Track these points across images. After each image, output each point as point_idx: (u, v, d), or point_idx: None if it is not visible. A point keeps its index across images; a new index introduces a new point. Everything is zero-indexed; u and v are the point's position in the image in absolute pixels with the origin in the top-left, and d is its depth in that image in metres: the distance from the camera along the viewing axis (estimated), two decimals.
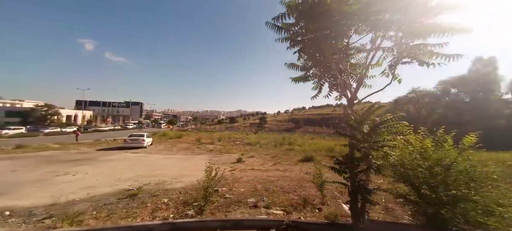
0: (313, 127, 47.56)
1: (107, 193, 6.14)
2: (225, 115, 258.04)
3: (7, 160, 11.58)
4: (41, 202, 5.36)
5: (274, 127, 57.18)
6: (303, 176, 8.20)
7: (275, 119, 72.89)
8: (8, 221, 4.26)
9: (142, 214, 4.60)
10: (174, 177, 8.01)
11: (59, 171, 9.08)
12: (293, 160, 11.68)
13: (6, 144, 19.38)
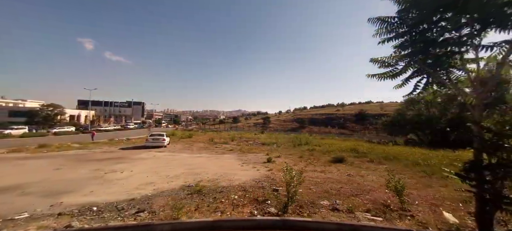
0: (318, 127, 47.93)
1: (172, 189, 6.40)
2: (224, 115, 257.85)
3: (42, 159, 11.79)
4: (118, 197, 5.64)
5: (278, 127, 57.49)
6: (348, 178, 7.94)
7: (278, 118, 73.20)
8: (102, 216, 4.52)
9: (227, 209, 4.88)
10: (220, 175, 8.17)
11: (103, 169, 9.34)
12: (322, 161, 11.59)
13: (23, 143, 19.55)
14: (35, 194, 5.88)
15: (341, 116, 52.73)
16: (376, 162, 10.99)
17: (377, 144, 18.09)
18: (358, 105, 75.62)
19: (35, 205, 5.08)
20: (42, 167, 9.73)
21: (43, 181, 7.24)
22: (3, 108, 57.69)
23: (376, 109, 51.56)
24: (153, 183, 7.10)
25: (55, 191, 6.14)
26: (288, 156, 13.62)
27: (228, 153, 15.36)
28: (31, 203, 5.22)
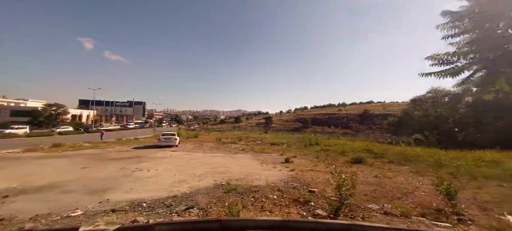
0: (321, 127, 48.19)
1: (206, 187, 6.53)
2: (224, 114, 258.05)
3: (62, 158, 11.91)
4: (159, 194, 5.79)
5: (280, 127, 57.76)
6: (376, 180, 7.75)
7: (280, 118, 73.46)
8: (155, 211, 4.66)
9: (273, 208, 4.87)
10: (245, 175, 8.23)
11: (129, 167, 9.51)
12: (341, 162, 11.36)
13: (35, 143, 19.65)
14: (77, 192, 6.04)
15: (344, 116, 53.02)
16: (397, 163, 10.91)
17: (387, 144, 18.01)
18: (359, 105, 75.99)
19: (83, 202, 5.24)
20: (67, 166, 9.87)
21: (76, 179, 7.40)
22: (5, 108, 57.53)
23: (378, 109, 51.88)
24: (185, 181, 7.28)
25: (95, 189, 6.31)
26: (302, 156, 13.67)
27: (241, 153, 15.46)
28: (77, 200, 5.38)
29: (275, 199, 5.52)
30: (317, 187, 6.53)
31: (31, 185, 6.62)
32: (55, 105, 47.88)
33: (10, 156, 12.35)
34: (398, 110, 49.79)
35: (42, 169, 9.17)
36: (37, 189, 6.29)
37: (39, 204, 5.10)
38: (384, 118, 42.96)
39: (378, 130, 38.38)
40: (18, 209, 4.76)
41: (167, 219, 4.19)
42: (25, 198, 5.51)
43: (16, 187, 6.40)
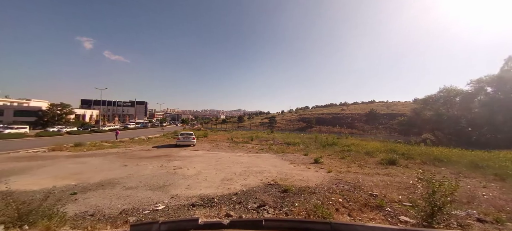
0: (326, 126, 48.50)
1: (258, 186, 6.65)
2: (224, 114, 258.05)
3: (95, 157, 12.08)
4: (221, 191, 6.02)
5: (284, 127, 57.98)
6: (417, 182, 7.56)
7: (283, 118, 73.64)
8: (232, 207, 4.87)
9: (352, 213, 4.72)
10: (284, 175, 8.13)
11: (167, 165, 9.74)
12: (371, 163, 11.14)
13: (57, 142, 19.81)
14: (140, 188, 6.27)
15: (348, 115, 53.38)
16: (430, 164, 10.72)
17: (405, 144, 17.55)
18: (362, 105, 76.43)
19: (155, 197, 5.48)
20: (105, 164, 10.07)
21: (127, 176, 7.62)
22: (8, 108, 57.28)
23: (382, 109, 52.32)
24: (232, 179, 7.45)
25: (155, 185, 6.55)
26: (327, 157, 13.35)
27: (263, 153, 15.37)
28: (148, 196, 5.62)
29: (341, 202, 5.39)
30: (372, 190, 6.33)
31: (88, 182, 6.84)
32: (60, 105, 47.80)
33: (40, 155, 12.51)
34: (403, 109, 50.34)
35: (84, 167, 9.37)
36: (98, 186, 6.51)
37: (113, 200, 5.33)
38: (390, 118, 43.46)
39: (385, 129, 38.71)
40: (98, 205, 4.99)
41: (274, 216, 4.40)
42: (94, 194, 5.72)
43: (76, 184, 6.62)
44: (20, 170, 8.41)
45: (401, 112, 46.87)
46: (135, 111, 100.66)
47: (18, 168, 8.86)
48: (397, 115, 44.17)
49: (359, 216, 4.57)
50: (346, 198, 5.69)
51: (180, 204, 5.02)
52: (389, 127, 39.59)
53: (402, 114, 41.94)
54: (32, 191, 5.93)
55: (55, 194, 5.64)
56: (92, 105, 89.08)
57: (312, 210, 4.67)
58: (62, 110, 47.31)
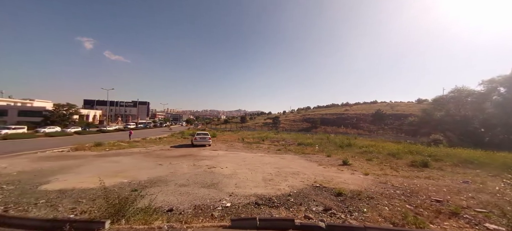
0: (331, 127, 48.76)
1: (303, 188, 6.53)
2: (224, 114, 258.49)
3: (123, 156, 12.22)
4: (272, 192, 6.11)
5: (289, 127, 58.21)
6: (469, 186, 7.14)
7: (286, 118, 73.88)
8: (298, 208, 4.91)
9: (433, 221, 4.49)
10: (320, 178, 7.92)
11: (199, 164, 9.96)
12: (400, 165, 10.94)
13: (65, 142, 19.96)
14: (191, 186, 6.46)
15: (353, 116, 53.69)
16: (463, 166, 10.53)
17: (419, 145, 17.32)
18: (365, 105, 76.84)
19: (213, 195, 5.67)
20: (139, 163, 10.24)
21: (171, 175, 7.83)
22: (12, 108, 57.27)
23: (386, 109, 52.63)
24: (272, 180, 7.34)
25: (205, 183, 6.75)
26: (351, 158, 12.89)
27: (284, 153, 15.16)
28: (205, 193, 5.81)
29: (410, 208, 5.10)
30: (429, 195, 6.09)
31: (139, 180, 7.05)
32: (66, 105, 47.87)
33: (67, 155, 12.61)
34: (407, 109, 50.73)
35: (121, 166, 9.56)
36: (151, 183, 6.72)
37: (176, 196, 5.53)
38: (396, 119, 43.82)
39: (391, 130, 39.00)
40: (167, 201, 5.17)
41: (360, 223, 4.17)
42: (154, 191, 5.87)
43: (130, 182, 6.83)
44: (61, 169, 8.58)
45: (406, 112, 47.25)
46: (137, 111, 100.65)
47: (57, 167, 9.02)
48: (402, 115, 44.54)
49: (442, 226, 4.25)
50: (411, 204, 5.38)
51: (243, 202, 5.20)
52: (395, 127, 39.88)
53: (409, 114, 42.24)
54: (91, 188, 6.14)
55: (115, 191, 5.85)
56: (94, 105, 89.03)
57: (395, 216, 4.40)
58: (68, 110, 47.38)
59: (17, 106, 61.72)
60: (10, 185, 6.26)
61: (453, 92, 23.17)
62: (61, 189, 6.03)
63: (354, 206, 5.16)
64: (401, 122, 41.41)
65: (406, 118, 41.76)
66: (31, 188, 6.10)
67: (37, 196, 5.46)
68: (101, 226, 3.37)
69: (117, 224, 3.60)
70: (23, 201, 5.09)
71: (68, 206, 4.88)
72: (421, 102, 61.06)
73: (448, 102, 23.50)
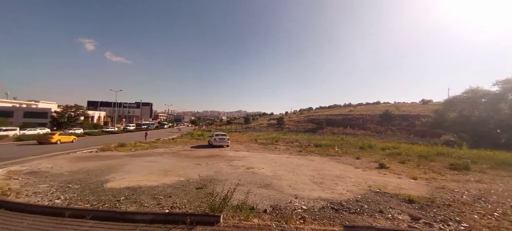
0: (337, 127, 48.91)
1: (365, 193, 6.26)
2: (225, 115, 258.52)
3: (154, 156, 12.38)
4: (337, 197, 5.81)
5: (294, 128, 58.34)
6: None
7: (290, 119, 74.09)
8: (386, 216, 4.68)
9: None
10: (371, 182, 7.67)
11: (236, 165, 10.13)
12: (438, 167, 10.72)
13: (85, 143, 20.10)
14: (248, 186, 6.64)
15: (359, 116, 53.94)
16: (503, 169, 10.31)
17: (442, 146, 16.83)
18: (368, 106, 77.19)
19: (277, 196, 5.74)
20: (178, 163, 10.45)
21: (216, 174, 8.04)
22: (18, 109, 57.32)
23: (392, 110, 52.85)
24: (323, 183, 7.25)
25: (260, 184, 6.90)
26: (383, 160, 12.09)
27: (308, 155, 14.88)
28: (269, 194, 5.87)
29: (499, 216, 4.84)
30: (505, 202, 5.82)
31: (194, 179, 7.25)
32: (74, 106, 47.97)
33: (99, 155, 12.63)
34: (412, 110, 51.00)
35: (161, 165, 9.81)
36: (209, 182, 6.91)
37: (246, 196, 5.35)
38: (403, 119, 44.10)
39: (399, 131, 39.26)
40: (242, 199, 5.05)
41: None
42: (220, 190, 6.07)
43: (187, 180, 7.02)
44: (109, 169, 8.75)
45: (412, 113, 47.56)
46: (140, 112, 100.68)
47: (103, 166, 9.18)
48: (410, 116, 44.82)
49: None
50: (490, 213, 5.04)
51: (317, 206, 5.12)
52: (403, 128, 40.13)
53: (416, 115, 42.53)
54: (156, 186, 6.33)
55: (189, 188, 6.09)
56: (98, 106, 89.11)
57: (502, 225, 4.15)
58: (76, 111, 47.45)
59: (22, 107, 61.72)
60: (75, 184, 6.43)
61: (467, 92, 23.18)
62: (127, 186, 6.21)
63: (441, 214, 4.82)
64: (409, 122, 41.66)
65: (414, 118, 42.03)
66: (97, 186, 6.27)
67: (110, 193, 5.63)
68: (217, 220, 3.58)
69: (229, 219, 3.79)
70: (102, 198, 5.27)
71: (151, 202, 5.07)
72: (426, 103, 61.43)
73: (461, 102, 23.56)
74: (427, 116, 30.60)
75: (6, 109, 54.02)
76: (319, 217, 4.49)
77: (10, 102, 64.65)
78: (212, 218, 3.59)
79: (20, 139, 24.04)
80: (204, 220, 3.56)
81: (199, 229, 3.47)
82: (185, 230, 3.46)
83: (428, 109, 49.23)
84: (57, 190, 5.80)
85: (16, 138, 25.08)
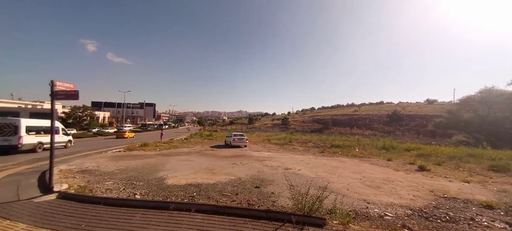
0: (344, 128, 48.99)
1: (433, 198, 6.03)
2: (226, 115, 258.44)
3: (183, 155, 12.45)
4: (411, 203, 5.42)
5: (299, 128, 58.40)
6: None
7: (295, 119, 74.22)
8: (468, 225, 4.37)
9: None
10: (431, 186, 7.27)
11: (271, 165, 10.15)
12: (479, 169, 10.50)
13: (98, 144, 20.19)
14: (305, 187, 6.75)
15: (365, 116, 54.06)
16: None
17: (465, 147, 16.85)
18: (371, 106, 77.30)
19: (347, 201, 5.41)
20: (213, 162, 10.51)
21: (260, 174, 8.03)
22: (24, 110, 57.16)
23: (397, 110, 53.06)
24: (380, 188, 6.93)
25: (316, 186, 6.97)
26: (415, 161, 12.27)
27: (335, 156, 14.80)
28: (337, 198, 5.78)
29: None
30: None
31: (244, 178, 7.33)
32: (82, 107, 48.06)
33: (128, 154, 12.58)
34: (418, 110, 51.14)
35: (200, 164, 9.99)
36: (260, 181, 6.96)
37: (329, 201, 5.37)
38: (411, 119, 44.25)
39: (408, 131, 39.37)
40: (338, 201, 4.89)
41: None
42: (281, 191, 6.17)
43: (239, 179, 7.11)
44: (153, 167, 8.94)
45: (419, 113, 47.74)
46: (144, 112, 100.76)
47: (145, 165, 9.36)
48: (417, 116, 45.00)
49: None
50: None
51: (399, 213, 4.74)
52: (411, 128, 40.24)
53: (423, 115, 42.71)
54: (212, 184, 6.41)
55: (246, 186, 6.19)
56: (102, 107, 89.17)
57: None
58: (84, 112, 47.55)
59: (28, 108, 61.29)
60: (137, 181, 6.54)
61: (481, 92, 23.23)
62: (188, 183, 6.32)
63: None
64: (417, 123, 41.80)
65: (422, 119, 42.19)
66: (159, 182, 6.40)
67: (177, 189, 5.78)
68: (323, 222, 3.63)
69: (333, 222, 3.79)
70: (175, 193, 5.40)
71: (223, 198, 5.18)
72: (431, 103, 61.58)
73: (476, 102, 23.59)
74: (440, 116, 30.63)
75: (12, 109, 53.54)
76: (423, 227, 4.10)
77: (16, 103, 64.55)
78: (319, 220, 3.64)
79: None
80: (310, 222, 3.62)
81: (310, 230, 3.47)
82: (294, 229, 3.55)
83: (434, 109, 49.42)
84: (125, 187, 5.90)
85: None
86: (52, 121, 4.77)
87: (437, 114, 37.41)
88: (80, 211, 4.20)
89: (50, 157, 4.82)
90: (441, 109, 45.27)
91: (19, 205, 4.47)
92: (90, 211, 4.22)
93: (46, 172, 6.48)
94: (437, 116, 32.93)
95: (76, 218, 3.88)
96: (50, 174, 4.97)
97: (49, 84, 4.55)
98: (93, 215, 4.01)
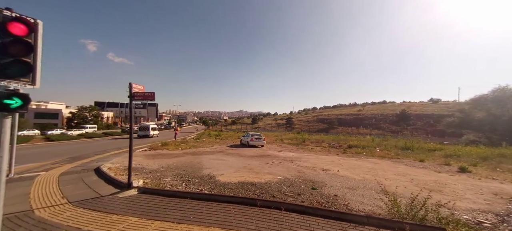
0: (349, 127, 49.05)
1: (505, 203, 5.90)
2: (226, 115, 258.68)
3: (210, 155, 12.39)
4: (475, 206, 5.49)
5: (304, 128, 58.32)
6: None
7: (299, 119, 74.27)
8: None
9: None
10: (490, 190, 7.10)
11: (308, 166, 10.23)
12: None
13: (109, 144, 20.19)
14: (363, 190, 6.79)
15: (371, 116, 54.18)
16: None
17: (486, 147, 16.84)
18: (374, 106, 77.52)
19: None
20: (245, 162, 10.29)
21: (301, 175, 8.09)
22: (29, 110, 57.08)
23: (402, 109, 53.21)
24: (441, 191, 6.79)
25: (372, 188, 7.06)
26: (448, 162, 12.23)
27: (359, 156, 14.53)
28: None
29: None
30: None
31: (293, 179, 7.34)
32: (89, 107, 48.00)
33: (156, 153, 12.64)
34: (423, 109, 51.25)
35: (233, 163, 9.98)
36: (313, 183, 7.02)
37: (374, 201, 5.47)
38: (418, 119, 44.36)
39: (416, 131, 39.46)
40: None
41: None
42: (343, 194, 6.17)
43: (288, 179, 7.10)
44: (192, 165, 9.07)
45: (425, 112, 47.87)
46: (147, 112, 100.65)
47: (180, 164, 9.46)
48: (424, 115, 45.12)
49: None
50: None
51: (493, 220, 4.68)
52: (419, 128, 40.31)
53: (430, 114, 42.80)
54: (263, 183, 6.42)
55: (301, 187, 6.22)
56: (105, 107, 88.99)
57: None
58: (90, 112, 47.51)
59: (32, 108, 61.45)
60: (193, 178, 6.60)
61: (495, 91, 23.19)
62: (240, 182, 6.39)
63: None
64: (424, 122, 41.92)
65: (429, 118, 42.33)
66: (211, 180, 6.44)
67: (235, 187, 5.84)
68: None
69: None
70: (238, 192, 5.43)
71: (289, 198, 5.20)
72: (436, 102, 61.74)
73: (489, 102, 23.58)
74: (451, 115, 30.64)
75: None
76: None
77: None
78: (438, 230, 3.56)
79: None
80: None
81: None
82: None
83: (439, 108, 49.59)
84: (186, 183, 6.06)
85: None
86: (131, 122, 4.80)
87: (443, 113, 37.53)
88: (163, 203, 4.31)
89: (129, 159, 4.92)
90: (446, 108, 45.41)
91: (109, 200, 4.63)
92: (173, 203, 4.35)
93: (98, 169, 6.80)
94: (443, 115, 32.99)
95: (172, 210, 3.93)
96: (129, 173, 5.09)
97: (128, 87, 4.59)
98: (180, 208, 4.10)
